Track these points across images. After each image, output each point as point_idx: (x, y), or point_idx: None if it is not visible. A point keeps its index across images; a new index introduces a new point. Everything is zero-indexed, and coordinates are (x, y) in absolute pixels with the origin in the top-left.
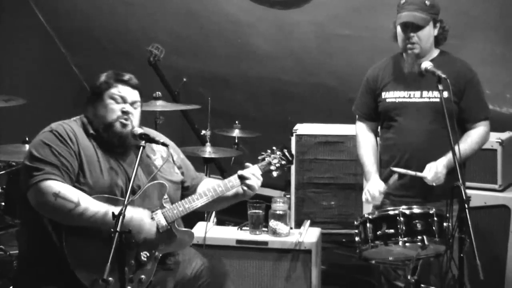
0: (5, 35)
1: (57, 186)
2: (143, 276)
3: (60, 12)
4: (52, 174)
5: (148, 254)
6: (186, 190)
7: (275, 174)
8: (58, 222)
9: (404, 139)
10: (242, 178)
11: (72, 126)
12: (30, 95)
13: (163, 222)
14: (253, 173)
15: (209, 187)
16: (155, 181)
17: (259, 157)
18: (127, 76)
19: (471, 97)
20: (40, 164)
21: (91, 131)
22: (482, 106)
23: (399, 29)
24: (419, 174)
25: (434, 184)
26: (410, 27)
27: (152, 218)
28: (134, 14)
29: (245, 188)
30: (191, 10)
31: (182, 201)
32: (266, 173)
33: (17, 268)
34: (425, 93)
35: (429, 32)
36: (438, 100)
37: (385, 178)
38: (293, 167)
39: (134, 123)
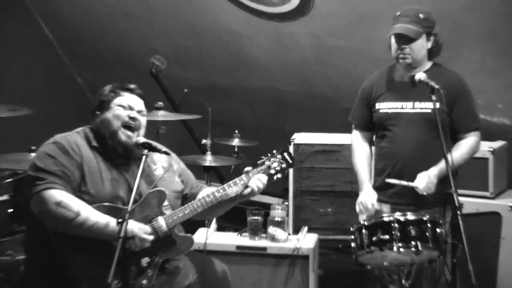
0: (10, 47)
1: (60, 195)
2: (144, 282)
3: (64, 24)
4: (54, 183)
5: (148, 260)
6: (185, 199)
7: (275, 177)
8: (58, 229)
9: (397, 148)
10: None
11: (76, 138)
12: (35, 105)
13: (164, 228)
14: (259, 179)
15: (209, 192)
16: (155, 189)
17: (259, 162)
18: (132, 86)
19: (462, 108)
20: (43, 174)
21: (94, 143)
22: (473, 116)
23: (392, 39)
24: (411, 184)
25: (425, 194)
26: (403, 39)
27: (152, 225)
28: (135, 26)
29: (247, 192)
30: (191, 22)
31: (182, 207)
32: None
33: (23, 273)
34: (417, 104)
35: (421, 45)
36: (429, 111)
37: (378, 187)
38: (291, 176)
39: (141, 132)
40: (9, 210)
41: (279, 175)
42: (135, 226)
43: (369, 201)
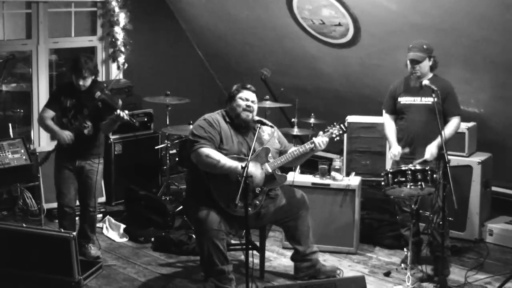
0: (178, 66)
1: (207, 151)
2: (257, 202)
3: (209, 47)
4: (205, 144)
5: (260, 189)
6: (281, 153)
7: (335, 139)
8: (207, 171)
9: (410, 125)
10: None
11: (216, 116)
12: (192, 97)
13: (269, 169)
14: (322, 139)
15: (295, 149)
16: (263, 146)
17: (325, 129)
18: (249, 85)
19: (450, 102)
20: (198, 138)
21: (227, 120)
22: (456, 107)
23: (408, 62)
24: (424, 159)
25: (431, 160)
26: (415, 61)
27: (262, 169)
28: (253, 50)
29: (315, 147)
30: (286, 48)
31: (279, 157)
32: (330, 139)
33: (185, 196)
34: (423, 99)
35: (426, 64)
36: (430, 103)
37: (401, 146)
38: (345, 141)
39: (254, 114)
40: (176, 159)
41: (338, 138)
42: (252, 167)
43: (396, 151)
